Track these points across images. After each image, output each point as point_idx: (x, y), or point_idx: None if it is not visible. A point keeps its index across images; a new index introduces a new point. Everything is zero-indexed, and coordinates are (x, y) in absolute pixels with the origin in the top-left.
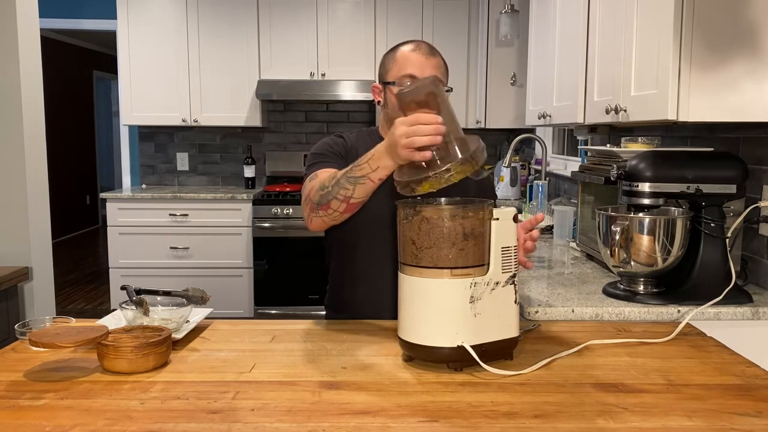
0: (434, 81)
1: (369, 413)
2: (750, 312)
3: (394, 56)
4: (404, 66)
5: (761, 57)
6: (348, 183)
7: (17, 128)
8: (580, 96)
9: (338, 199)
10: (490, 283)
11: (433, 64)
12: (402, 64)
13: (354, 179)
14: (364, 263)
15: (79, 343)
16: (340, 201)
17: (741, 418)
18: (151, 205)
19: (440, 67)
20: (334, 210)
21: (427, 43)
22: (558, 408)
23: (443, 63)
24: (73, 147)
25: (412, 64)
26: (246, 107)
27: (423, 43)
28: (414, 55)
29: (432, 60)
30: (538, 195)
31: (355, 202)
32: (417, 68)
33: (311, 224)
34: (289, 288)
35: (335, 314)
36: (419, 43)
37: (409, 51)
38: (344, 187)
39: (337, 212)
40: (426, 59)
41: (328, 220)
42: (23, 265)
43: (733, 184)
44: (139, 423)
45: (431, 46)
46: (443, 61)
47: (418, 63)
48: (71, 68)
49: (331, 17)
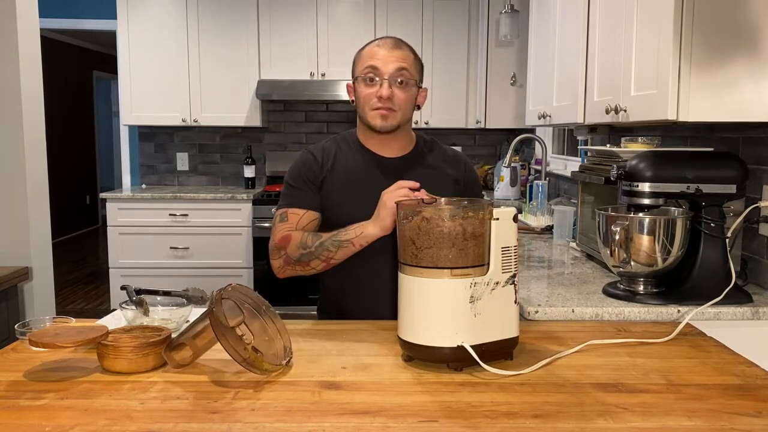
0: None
1: (369, 413)
2: (750, 312)
3: (361, 53)
4: (367, 59)
5: (761, 57)
6: (332, 246)
7: (17, 128)
8: (580, 96)
9: (320, 259)
10: (490, 283)
11: (397, 56)
12: (365, 57)
13: (338, 242)
14: (364, 268)
15: (79, 343)
16: (321, 261)
17: (741, 418)
18: (151, 205)
19: (406, 58)
20: (313, 268)
21: (395, 38)
22: (558, 408)
23: (412, 56)
24: (73, 147)
25: (374, 57)
26: (246, 107)
27: (390, 37)
28: (377, 49)
29: (396, 52)
30: (538, 195)
31: (334, 263)
32: (379, 60)
33: (281, 274)
34: (289, 288)
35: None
36: (386, 38)
37: (374, 45)
38: (328, 249)
39: (314, 270)
40: (389, 51)
41: (301, 274)
42: (23, 265)
43: (733, 184)
44: (139, 423)
45: (399, 41)
46: (413, 54)
47: (380, 55)
48: (71, 68)
49: (331, 17)
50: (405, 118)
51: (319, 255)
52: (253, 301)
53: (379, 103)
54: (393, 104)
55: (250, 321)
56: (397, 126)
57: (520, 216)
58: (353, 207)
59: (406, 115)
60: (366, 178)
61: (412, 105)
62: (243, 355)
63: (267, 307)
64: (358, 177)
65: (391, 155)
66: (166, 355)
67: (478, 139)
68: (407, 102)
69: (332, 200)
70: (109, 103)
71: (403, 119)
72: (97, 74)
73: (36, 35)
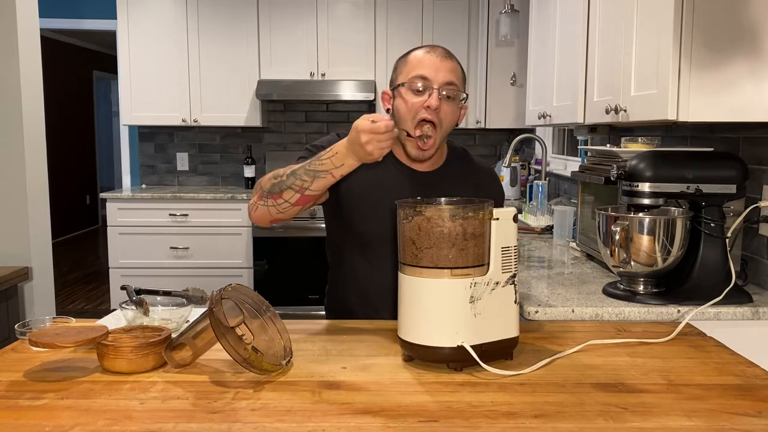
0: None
1: (369, 413)
2: (750, 312)
3: (407, 59)
4: (416, 67)
5: (761, 57)
6: (306, 175)
7: (17, 128)
8: (580, 96)
9: (293, 189)
10: (490, 283)
11: (448, 66)
12: (414, 65)
13: (314, 172)
14: (365, 268)
15: (79, 343)
16: (294, 191)
17: (741, 418)
18: (151, 205)
19: (455, 71)
20: (285, 200)
21: (444, 48)
22: (558, 408)
23: (460, 68)
24: (73, 147)
25: (424, 66)
26: (246, 107)
27: (439, 47)
28: (427, 57)
29: (447, 63)
30: (538, 195)
31: (310, 195)
32: (430, 69)
33: (254, 213)
34: (289, 288)
35: (335, 317)
36: (434, 47)
37: (423, 53)
38: (301, 178)
39: (288, 203)
40: (441, 61)
41: (274, 212)
42: (23, 265)
43: (733, 184)
44: (139, 423)
45: (447, 51)
46: (460, 66)
47: (431, 64)
48: (71, 68)
49: (331, 17)
50: (444, 137)
51: (291, 184)
52: (253, 302)
53: (426, 113)
54: (438, 117)
55: (250, 321)
56: (435, 152)
57: (520, 216)
58: (376, 219)
59: (446, 133)
60: (393, 191)
61: (455, 122)
62: (243, 355)
63: (267, 307)
64: (385, 188)
65: (422, 169)
66: (166, 355)
67: (478, 139)
68: (452, 117)
69: (352, 208)
70: (109, 103)
71: (442, 139)
72: (97, 74)
73: (36, 35)
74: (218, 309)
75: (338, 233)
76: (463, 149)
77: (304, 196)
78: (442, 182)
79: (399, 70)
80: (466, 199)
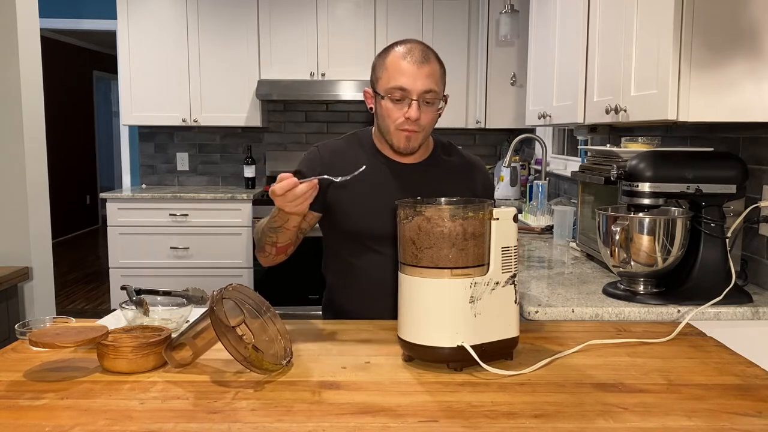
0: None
1: (369, 413)
2: (750, 312)
3: (385, 63)
4: (393, 76)
5: (761, 57)
6: (271, 232)
7: (17, 128)
8: (580, 96)
9: (269, 244)
10: (490, 283)
11: (425, 72)
12: (392, 73)
13: (275, 229)
14: (361, 265)
15: (79, 343)
16: (270, 246)
17: (741, 418)
18: (151, 205)
19: (433, 75)
20: (269, 253)
21: (421, 46)
22: (558, 408)
23: (438, 68)
24: (73, 147)
25: (402, 74)
26: (246, 107)
27: (417, 45)
28: (405, 64)
29: (424, 68)
30: (538, 195)
31: (283, 245)
32: (408, 79)
33: (261, 262)
34: (289, 288)
35: (333, 317)
36: (412, 47)
37: (400, 59)
38: (268, 235)
39: (271, 255)
40: (418, 68)
41: (270, 260)
42: (23, 265)
43: (733, 184)
44: (139, 423)
45: (425, 50)
46: (439, 64)
47: (409, 72)
48: (71, 68)
49: (331, 17)
50: (427, 136)
51: (266, 242)
52: (254, 302)
53: (406, 124)
54: (419, 126)
55: (251, 321)
56: (419, 146)
57: (520, 216)
58: (368, 216)
59: (429, 132)
60: (381, 185)
61: (436, 119)
62: (244, 354)
63: (267, 307)
64: (373, 183)
65: (407, 161)
66: (166, 355)
67: (478, 139)
68: (432, 121)
69: (343, 206)
70: (109, 103)
71: (426, 137)
72: (97, 74)
73: (36, 35)
74: (219, 308)
75: (331, 232)
76: (449, 143)
77: (278, 247)
78: (429, 174)
79: (378, 74)
80: (466, 199)
